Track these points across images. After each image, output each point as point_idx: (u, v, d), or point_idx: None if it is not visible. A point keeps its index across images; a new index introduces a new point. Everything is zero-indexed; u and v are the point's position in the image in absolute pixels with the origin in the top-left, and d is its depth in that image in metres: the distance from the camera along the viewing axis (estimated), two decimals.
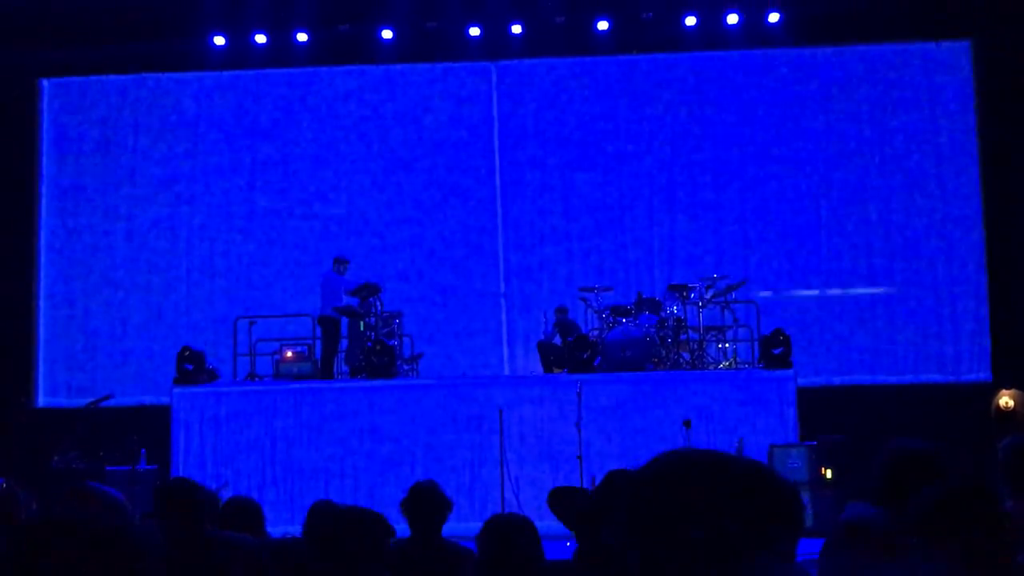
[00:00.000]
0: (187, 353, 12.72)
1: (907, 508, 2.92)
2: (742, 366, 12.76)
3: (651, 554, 1.51)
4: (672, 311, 12.77)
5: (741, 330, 13.30)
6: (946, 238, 14.88)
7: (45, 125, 15.63)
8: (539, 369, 13.43)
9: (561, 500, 4.31)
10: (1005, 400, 13.56)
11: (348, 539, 2.82)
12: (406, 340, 13.61)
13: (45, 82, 15.65)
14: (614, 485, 3.85)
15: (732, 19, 14.79)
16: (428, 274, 15.19)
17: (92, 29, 14.50)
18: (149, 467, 12.08)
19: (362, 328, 12.91)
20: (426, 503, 4.76)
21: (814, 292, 14.88)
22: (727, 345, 12.97)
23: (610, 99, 15.36)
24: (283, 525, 5.41)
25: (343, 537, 2.86)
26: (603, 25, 14.89)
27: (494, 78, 15.51)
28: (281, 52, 15.07)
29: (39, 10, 14.37)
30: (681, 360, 12.59)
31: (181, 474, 12.15)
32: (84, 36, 14.61)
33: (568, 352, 12.80)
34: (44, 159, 15.57)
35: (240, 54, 15.09)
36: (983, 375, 14.44)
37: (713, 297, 13.00)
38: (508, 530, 3.64)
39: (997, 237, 14.58)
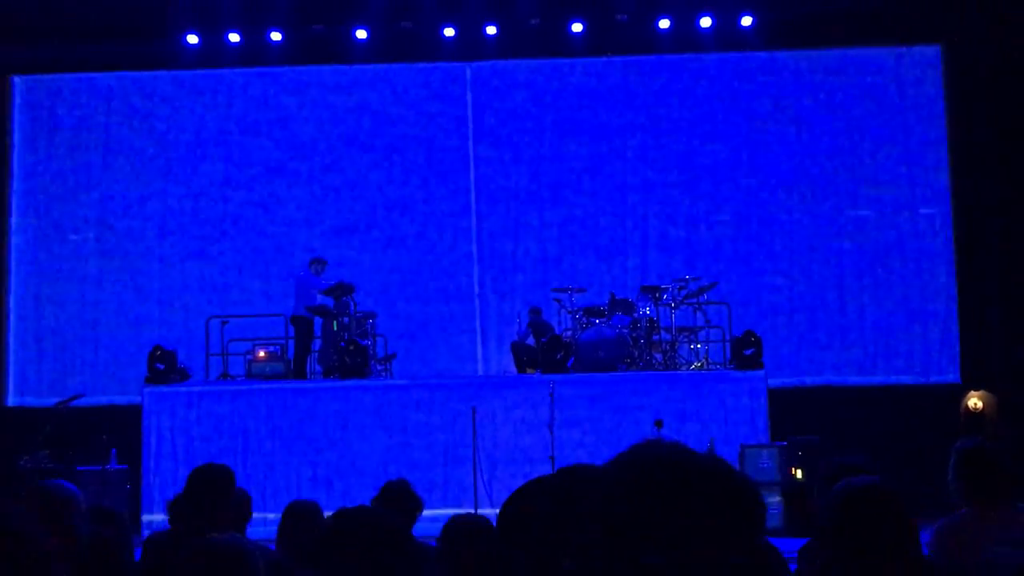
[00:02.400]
0: (159, 352, 12.66)
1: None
2: (714, 367, 12.85)
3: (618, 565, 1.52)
4: (645, 312, 12.83)
5: (713, 331, 13.38)
6: (916, 240, 15.03)
7: (16, 122, 15.51)
8: (513, 369, 13.46)
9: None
10: (974, 401, 13.70)
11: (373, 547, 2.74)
12: (379, 340, 13.61)
13: (17, 79, 15.53)
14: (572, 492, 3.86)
15: (705, 22, 14.87)
16: (402, 274, 15.18)
17: (65, 27, 14.41)
18: (120, 467, 12.02)
19: (335, 328, 12.89)
20: (397, 502, 4.78)
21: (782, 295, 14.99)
22: (699, 346, 13.05)
23: (584, 101, 15.41)
24: (255, 526, 5.41)
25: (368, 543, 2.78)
26: (577, 27, 14.94)
27: (469, 79, 15.53)
28: (255, 51, 15.02)
29: (10, 7, 14.26)
30: (653, 361, 12.66)
31: (152, 475, 12.11)
32: (56, 34, 14.51)
33: (541, 353, 12.83)
34: (15, 156, 15.45)
35: (213, 53, 15.03)
36: (952, 376, 14.59)
37: (685, 298, 13.07)
38: (468, 532, 3.65)
39: (966, 239, 14.74)
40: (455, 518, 3.84)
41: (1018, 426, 12.80)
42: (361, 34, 14.90)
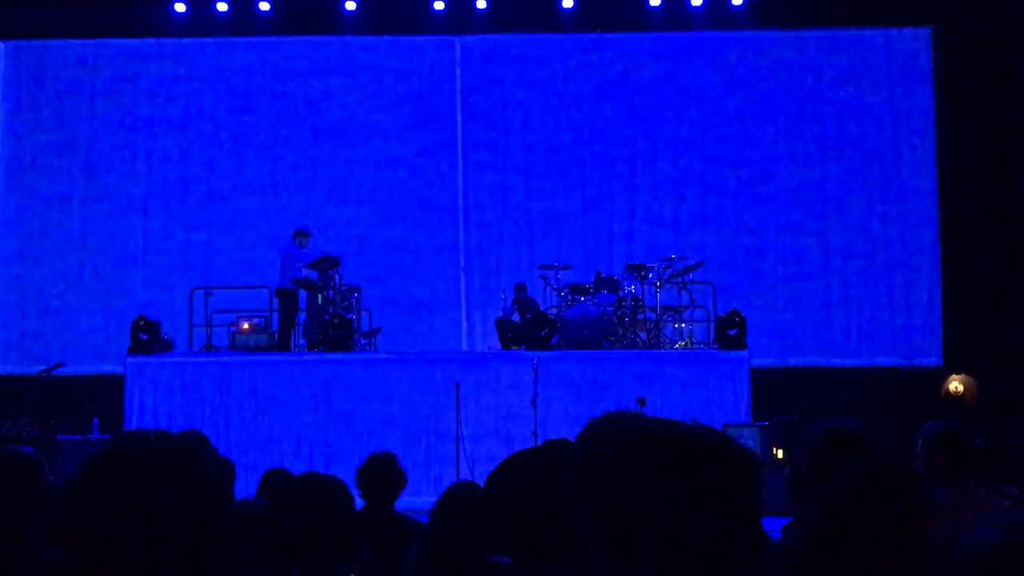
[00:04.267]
0: (142, 323, 12.61)
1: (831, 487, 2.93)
2: (697, 346, 12.88)
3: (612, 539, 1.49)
4: (630, 291, 12.84)
5: (697, 311, 13.42)
6: (901, 223, 15.07)
7: (0, 89, 15.37)
8: (497, 345, 13.46)
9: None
10: (955, 385, 13.79)
11: (308, 506, 2.83)
12: (364, 314, 13.58)
13: (1, 45, 15.37)
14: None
15: (697, 1, 14.82)
16: (388, 248, 15.14)
17: None
18: (102, 436, 11.98)
19: (320, 301, 12.86)
20: (381, 475, 4.78)
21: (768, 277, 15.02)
22: (683, 325, 13.08)
23: (573, 77, 15.36)
24: (237, 495, 5.39)
25: (303, 505, 2.87)
26: (568, 3, 14.87)
27: (458, 52, 15.45)
28: (243, 21, 14.90)
29: None
30: (638, 339, 12.68)
31: None
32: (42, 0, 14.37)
33: (526, 329, 12.83)
34: None
35: (201, 22, 14.90)
36: (934, 359, 14.67)
37: (671, 277, 13.08)
38: (466, 499, 3.67)
39: (951, 223, 14.79)
40: (453, 486, 3.86)
41: (999, 410, 12.89)
42: (350, 5, 14.79)
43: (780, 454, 11.43)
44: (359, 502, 4.67)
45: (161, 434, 1.76)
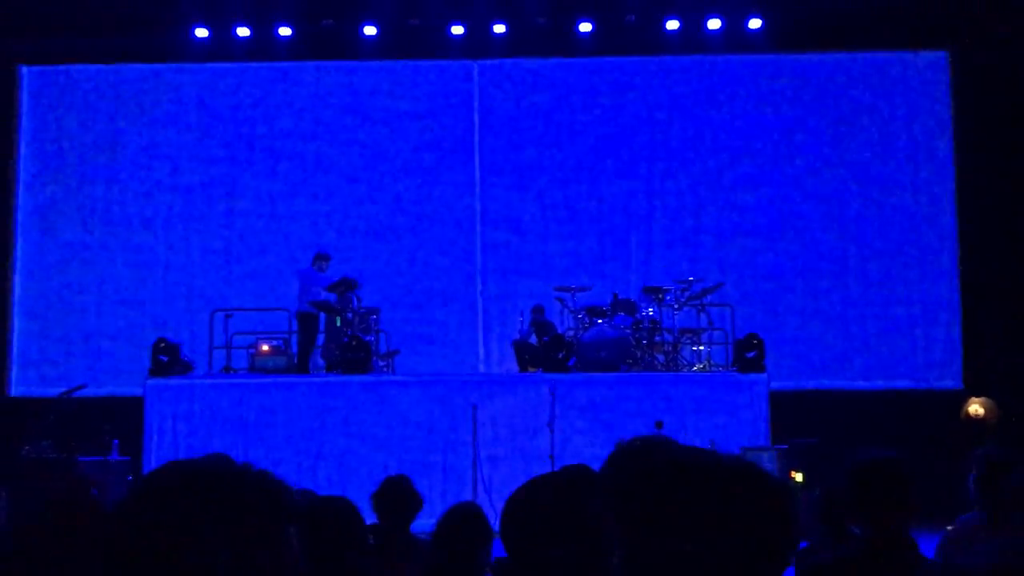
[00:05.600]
0: (162, 345, 12.69)
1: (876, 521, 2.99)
2: (716, 369, 12.85)
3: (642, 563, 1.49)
4: (647, 313, 12.84)
5: (716, 333, 13.39)
6: (919, 245, 15.04)
7: (24, 112, 15.55)
8: (514, 368, 13.47)
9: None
10: (975, 408, 13.70)
11: (320, 529, 2.86)
12: (382, 336, 13.62)
13: (24, 69, 15.56)
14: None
15: (714, 24, 14.88)
16: (406, 271, 15.21)
17: (73, 18, 14.43)
18: (121, 458, 12.04)
19: (339, 323, 12.92)
20: (396, 497, 4.80)
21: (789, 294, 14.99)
22: (701, 348, 13.06)
23: (591, 101, 15.42)
24: None
25: (319, 526, 2.90)
26: (586, 27, 14.95)
27: (476, 77, 15.55)
28: (263, 45, 15.05)
29: None
30: (655, 362, 12.66)
31: (154, 466, 12.12)
32: (65, 25, 14.54)
33: (543, 351, 12.84)
34: (22, 147, 15.49)
35: (222, 46, 15.06)
36: (954, 383, 14.59)
37: (688, 300, 13.08)
38: (466, 520, 3.70)
39: (970, 245, 14.75)
40: (454, 507, 3.89)
41: (1020, 433, 12.80)
42: (370, 30, 14.92)
43: (799, 477, 11.37)
44: (375, 524, 4.69)
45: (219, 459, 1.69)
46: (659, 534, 1.49)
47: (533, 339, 13.54)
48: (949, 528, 4.20)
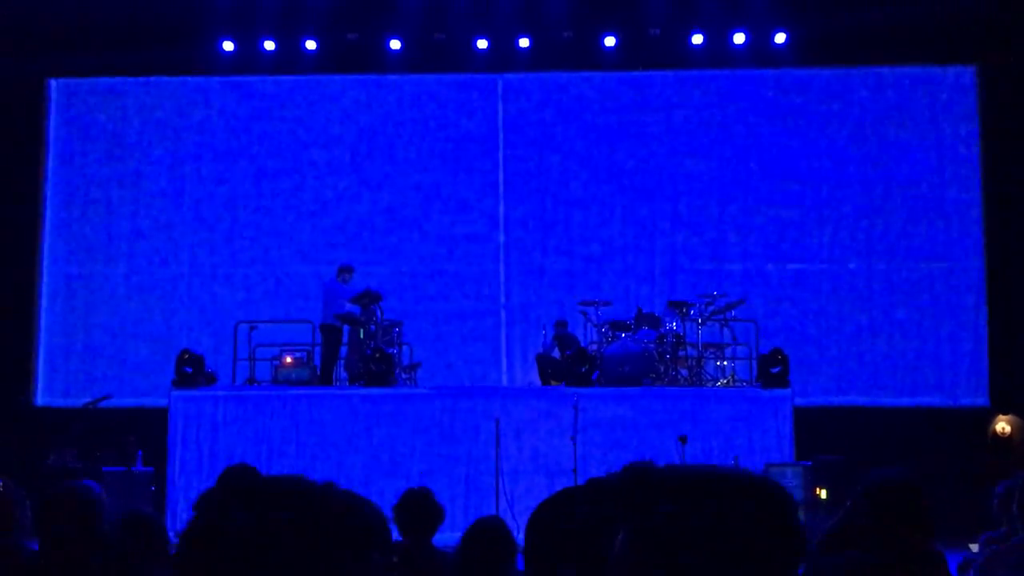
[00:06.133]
0: (187, 356, 12.76)
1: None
2: (740, 384, 12.78)
3: None
4: (671, 327, 12.80)
5: (740, 348, 13.33)
6: (947, 262, 14.92)
7: (52, 125, 15.69)
8: (537, 381, 13.44)
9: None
10: (1002, 426, 13.58)
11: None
12: (405, 349, 13.64)
13: (53, 82, 15.71)
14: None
15: (739, 38, 14.85)
16: (429, 284, 15.22)
17: (101, 32, 14.57)
18: (146, 469, 12.11)
19: (362, 336, 12.94)
20: (419, 510, 4.79)
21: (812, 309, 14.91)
22: (725, 363, 13.00)
23: (615, 114, 15.42)
24: None
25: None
26: (610, 41, 14.96)
27: (500, 90, 15.58)
28: (289, 59, 15.14)
29: (49, 11, 14.44)
30: (679, 376, 12.61)
31: (177, 476, 12.18)
32: (93, 38, 14.68)
33: (566, 365, 12.81)
34: (50, 158, 15.63)
35: (248, 60, 15.16)
36: (981, 400, 14.45)
37: (712, 314, 13.03)
38: (490, 534, 3.68)
39: (997, 262, 14.62)
40: (478, 521, 3.88)
41: None
42: (395, 44, 14.99)
43: (823, 494, 11.28)
44: (396, 538, 4.68)
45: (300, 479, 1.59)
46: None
47: (556, 353, 13.52)
48: (975, 547, 4.16)
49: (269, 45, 15.06)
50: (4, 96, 15.02)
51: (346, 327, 13.09)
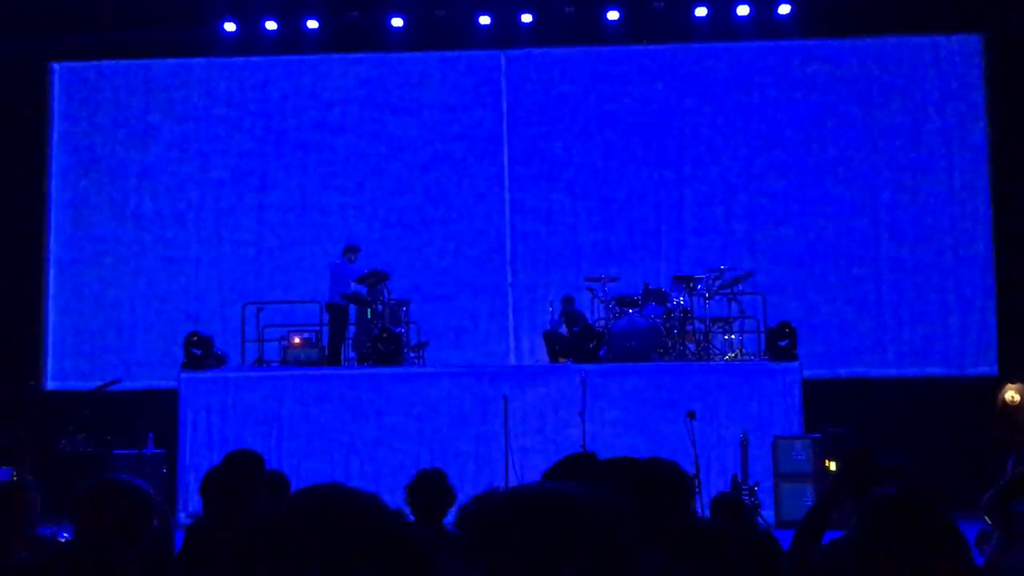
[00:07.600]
0: (195, 338, 12.79)
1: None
2: (748, 358, 12.79)
3: None
4: (678, 302, 12.79)
5: (747, 322, 13.33)
6: (954, 231, 14.87)
7: (55, 108, 15.67)
8: (545, 358, 13.46)
9: None
10: (1011, 394, 13.51)
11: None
12: (413, 328, 13.65)
13: (56, 65, 15.68)
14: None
15: (743, 10, 14.76)
16: (435, 262, 15.21)
17: (103, 14, 14.53)
18: (156, 451, 12.16)
19: (369, 316, 12.96)
20: (431, 491, 4.80)
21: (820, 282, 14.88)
22: (733, 336, 13.00)
23: (619, 89, 15.35)
24: None
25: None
26: (613, 15, 14.87)
27: (503, 67, 15.51)
28: (291, 39, 15.09)
29: None
30: (687, 351, 12.62)
31: (188, 458, 12.24)
32: (95, 20, 14.63)
33: (574, 342, 12.82)
34: (54, 141, 15.62)
35: (250, 40, 15.11)
36: (989, 369, 14.43)
37: (719, 288, 13.01)
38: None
39: (1005, 231, 14.57)
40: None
41: None
42: (397, 22, 14.92)
43: (833, 466, 11.30)
44: (408, 518, 4.70)
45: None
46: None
47: (563, 329, 13.52)
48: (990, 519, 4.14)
49: (271, 25, 15.01)
50: (7, 79, 15.01)
51: (353, 307, 13.11)
